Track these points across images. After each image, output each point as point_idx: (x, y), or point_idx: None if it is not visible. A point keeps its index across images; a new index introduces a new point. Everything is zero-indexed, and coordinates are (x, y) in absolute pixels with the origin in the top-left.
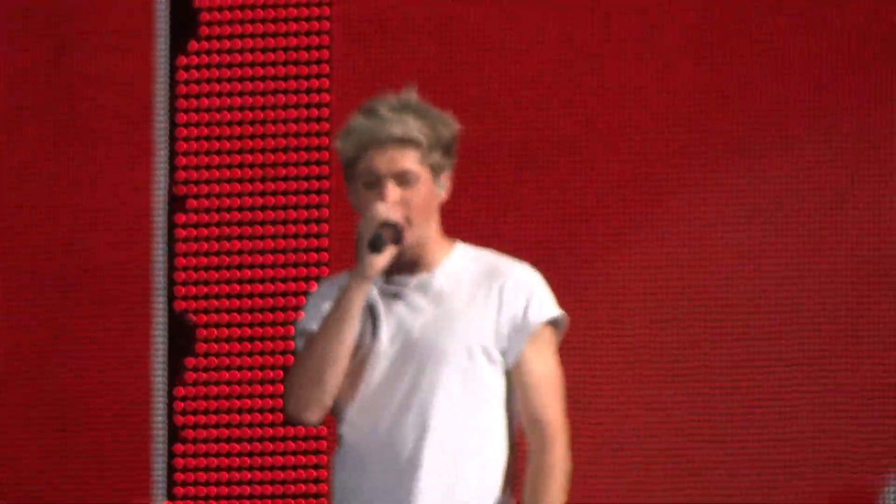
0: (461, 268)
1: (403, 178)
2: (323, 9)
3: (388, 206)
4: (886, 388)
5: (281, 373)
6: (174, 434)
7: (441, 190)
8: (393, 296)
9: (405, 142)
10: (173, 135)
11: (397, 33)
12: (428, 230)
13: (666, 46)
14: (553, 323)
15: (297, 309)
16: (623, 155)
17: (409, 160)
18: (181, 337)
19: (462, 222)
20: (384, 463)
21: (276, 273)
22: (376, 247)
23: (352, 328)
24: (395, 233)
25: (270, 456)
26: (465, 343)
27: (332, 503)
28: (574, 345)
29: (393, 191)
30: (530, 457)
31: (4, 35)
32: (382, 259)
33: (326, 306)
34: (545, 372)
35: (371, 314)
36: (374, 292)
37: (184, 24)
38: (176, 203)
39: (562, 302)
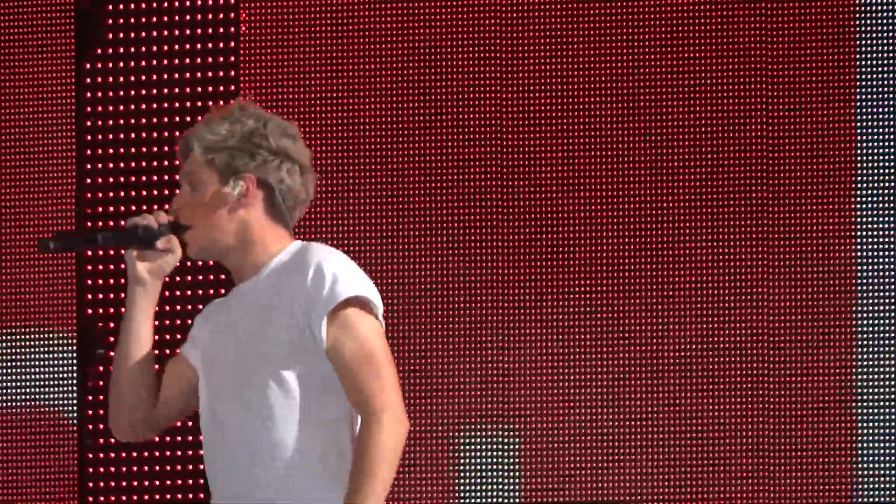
0: (276, 271)
1: (186, 180)
2: None
3: (149, 213)
4: None
5: None
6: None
7: (235, 192)
8: (227, 305)
9: (189, 145)
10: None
11: None
12: (217, 232)
13: None
14: (360, 304)
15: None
16: None
17: (189, 162)
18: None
19: None
20: (211, 459)
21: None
22: (114, 246)
23: (132, 336)
24: (133, 235)
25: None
26: (267, 349)
27: None
28: None
29: (179, 193)
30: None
31: None
32: (138, 263)
33: (202, 328)
34: (356, 350)
35: (216, 323)
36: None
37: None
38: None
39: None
